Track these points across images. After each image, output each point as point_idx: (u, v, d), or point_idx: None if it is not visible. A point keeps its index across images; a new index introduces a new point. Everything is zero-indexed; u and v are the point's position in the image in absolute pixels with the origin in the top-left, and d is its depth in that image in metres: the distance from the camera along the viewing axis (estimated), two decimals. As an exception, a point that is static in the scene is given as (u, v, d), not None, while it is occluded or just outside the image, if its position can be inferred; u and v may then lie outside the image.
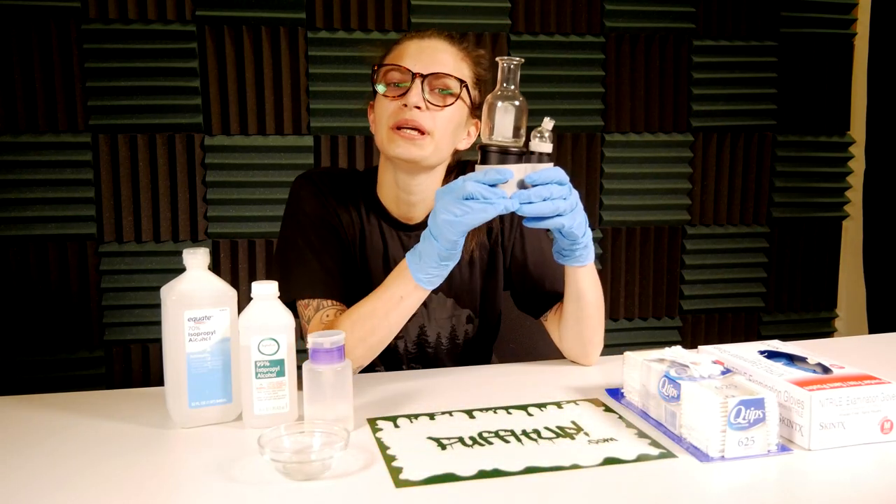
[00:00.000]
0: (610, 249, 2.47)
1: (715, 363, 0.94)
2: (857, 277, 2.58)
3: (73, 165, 2.15)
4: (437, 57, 1.14)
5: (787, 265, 2.60)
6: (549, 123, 0.98)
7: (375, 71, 1.16)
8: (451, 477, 0.80)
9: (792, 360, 1.01)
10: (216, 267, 2.23)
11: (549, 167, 0.97)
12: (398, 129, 1.12)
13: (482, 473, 0.81)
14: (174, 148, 2.20)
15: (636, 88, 2.42)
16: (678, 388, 0.90)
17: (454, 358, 1.32)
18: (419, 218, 1.25)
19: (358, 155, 2.29)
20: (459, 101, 1.14)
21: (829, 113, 2.55)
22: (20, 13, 2.07)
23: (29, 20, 2.08)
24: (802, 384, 0.88)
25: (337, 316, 1.13)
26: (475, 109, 1.20)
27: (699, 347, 1.09)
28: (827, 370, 0.95)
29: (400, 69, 1.13)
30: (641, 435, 0.92)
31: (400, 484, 0.79)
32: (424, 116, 1.12)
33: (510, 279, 1.31)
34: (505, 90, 0.97)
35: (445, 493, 0.78)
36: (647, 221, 2.48)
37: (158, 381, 1.40)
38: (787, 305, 2.62)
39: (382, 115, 1.15)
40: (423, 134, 1.12)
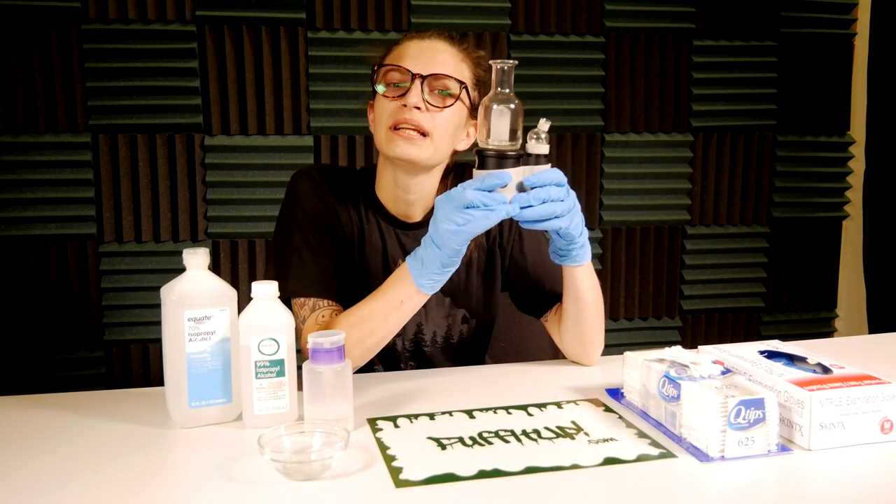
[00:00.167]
0: (610, 249, 2.47)
1: (715, 363, 0.94)
2: (857, 277, 2.58)
3: (73, 165, 2.15)
4: (437, 58, 1.14)
5: (787, 265, 2.60)
6: (545, 125, 0.98)
7: (375, 71, 1.16)
8: (451, 477, 0.80)
9: (792, 360, 1.01)
10: (216, 267, 2.23)
11: (547, 168, 0.97)
12: (397, 128, 1.12)
13: (482, 473, 0.81)
14: (174, 148, 2.20)
15: (636, 88, 2.42)
16: (678, 388, 0.90)
17: (449, 357, 1.32)
18: (417, 217, 1.25)
19: (358, 155, 2.29)
20: (459, 102, 1.14)
21: (829, 113, 2.55)
22: (20, 13, 2.07)
23: (29, 20, 2.08)
24: (802, 384, 0.88)
25: (332, 316, 1.13)
26: (474, 110, 1.20)
27: (699, 347, 1.09)
28: (827, 370, 0.95)
29: (400, 69, 1.13)
30: (641, 435, 0.92)
31: (400, 484, 0.79)
32: (424, 117, 1.12)
33: (509, 281, 1.31)
34: (500, 93, 0.97)
35: (445, 493, 0.78)
36: (647, 221, 2.48)
37: (158, 381, 1.39)
38: (787, 305, 2.62)
39: (382, 114, 1.15)
40: (422, 135, 1.12)
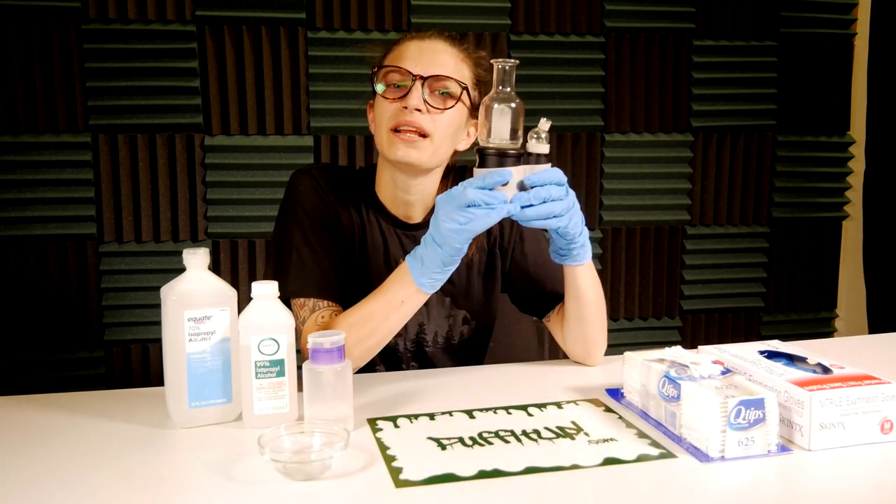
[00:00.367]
0: (610, 249, 2.47)
1: (715, 363, 0.94)
2: (857, 277, 2.58)
3: (73, 165, 2.15)
4: (437, 58, 1.14)
5: (787, 265, 2.60)
6: (545, 124, 0.98)
7: (375, 72, 1.16)
8: (451, 477, 0.80)
9: (792, 360, 1.01)
10: (216, 267, 2.23)
11: (547, 168, 0.98)
12: (398, 130, 1.12)
13: (482, 473, 0.81)
14: (174, 148, 2.20)
15: (636, 88, 2.42)
16: (678, 388, 0.90)
17: (450, 358, 1.32)
18: (418, 218, 1.25)
19: (358, 155, 2.29)
20: (460, 103, 1.14)
21: (829, 113, 2.55)
22: (20, 13, 2.07)
23: (29, 20, 2.08)
24: (802, 384, 0.88)
25: (332, 317, 1.13)
26: (475, 110, 1.20)
27: (699, 347, 1.09)
28: (827, 370, 0.95)
29: (400, 70, 1.12)
30: (641, 435, 0.92)
31: (400, 484, 0.79)
32: (424, 119, 1.11)
33: (510, 281, 1.31)
34: (501, 92, 0.97)
35: (445, 493, 0.78)
36: (647, 221, 2.48)
37: (158, 381, 1.39)
38: (787, 305, 2.62)
39: (382, 116, 1.14)
40: (422, 136, 1.12)
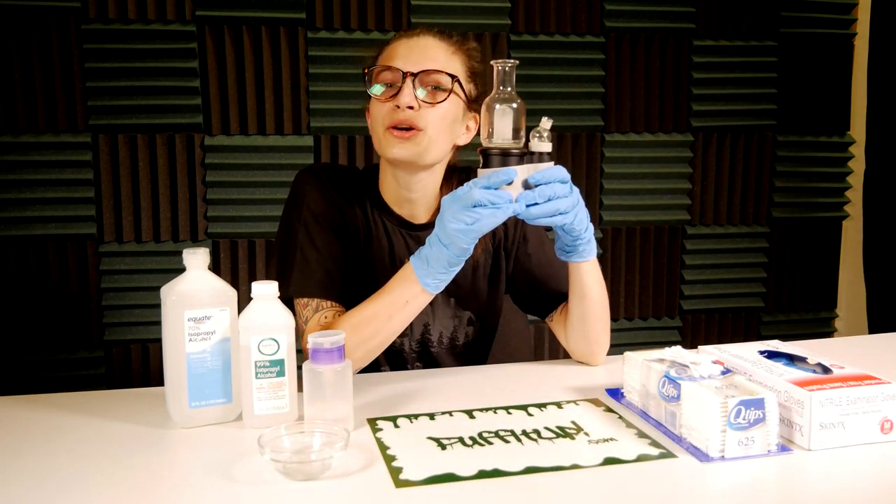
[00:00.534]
0: (610, 249, 2.47)
1: (715, 363, 0.94)
2: (857, 277, 2.58)
3: (73, 165, 2.15)
4: (426, 53, 1.13)
5: (787, 265, 2.60)
6: (547, 123, 0.99)
7: (366, 73, 1.16)
8: (451, 477, 0.80)
9: (792, 360, 1.01)
10: (216, 267, 2.23)
11: (550, 166, 0.98)
12: (392, 129, 1.12)
13: (482, 473, 0.81)
14: (174, 148, 2.20)
15: (636, 88, 2.42)
16: (678, 388, 0.90)
17: (455, 358, 1.32)
18: (422, 217, 1.25)
19: (358, 155, 2.29)
20: (453, 96, 1.14)
21: (829, 113, 2.55)
22: (20, 13, 2.07)
23: (29, 20, 2.08)
24: (802, 384, 0.88)
25: (335, 317, 1.13)
26: (472, 102, 1.20)
27: (699, 347, 1.09)
28: (827, 370, 0.95)
29: (391, 69, 1.12)
30: (641, 435, 0.92)
31: (400, 484, 0.79)
32: (417, 115, 1.11)
33: (513, 282, 1.31)
34: (502, 92, 0.98)
35: (445, 493, 0.78)
36: (647, 221, 2.48)
37: (158, 381, 1.40)
38: (787, 305, 2.62)
39: (377, 116, 1.15)
40: (416, 132, 1.11)
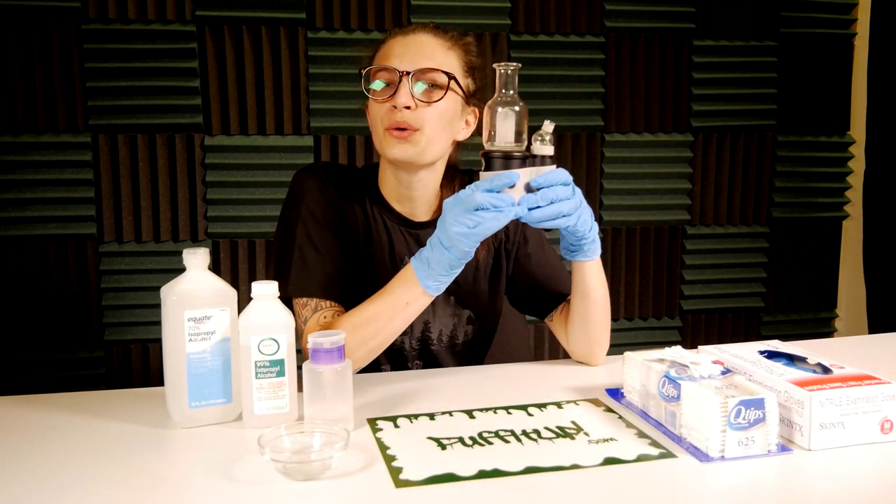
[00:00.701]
0: (610, 249, 2.47)
1: (715, 363, 0.94)
2: (857, 277, 2.58)
3: (73, 165, 2.15)
4: (422, 51, 1.13)
5: (787, 265, 2.60)
6: (549, 126, 0.99)
7: (363, 73, 1.16)
8: (451, 477, 0.80)
9: (792, 360, 1.01)
10: (216, 267, 2.23)
11: (552, 169, 0.98)
12: (391, 129, 1.12)
13: (482, 473, 0.81)
14: (174, 148, 2.20)
15: (636, 88, 2.42)
16: (678, 388, 0.90)
17: (454, 357, 1.32)
18: (422, 215, 1.25)
19: (358, 155, 2.29)
20: (451, 92, 1.13)
21: (829, 113, 2.55)
22: (20, 13, 2.07)
23: (29, 20, 2.08)
24: (802, 384, 0.88)
25: (335, 317, 1.13)
26: (470, 97, 1.20)
27: (699, 347, 1.09)
28: (827, 370, 0.95)
29: (387, 69, 1.12)
30: (641, 435, 0.92)
31: (400, 484, 0.79)
32: (415, 114, 1.11)
33: (512, 283, 1.31)
34: (504, 96, 0.98)
35: (445, 493, 0.78)
36: (647, 221, 2.48)
37: (158, 381, 1.39)
38: (787, 305, 2.62)
39: (375, 117, 1.15)
40: (415, 131, 1.11)
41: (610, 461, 0.85)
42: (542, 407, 1.02)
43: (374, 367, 1.23)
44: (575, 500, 0.77)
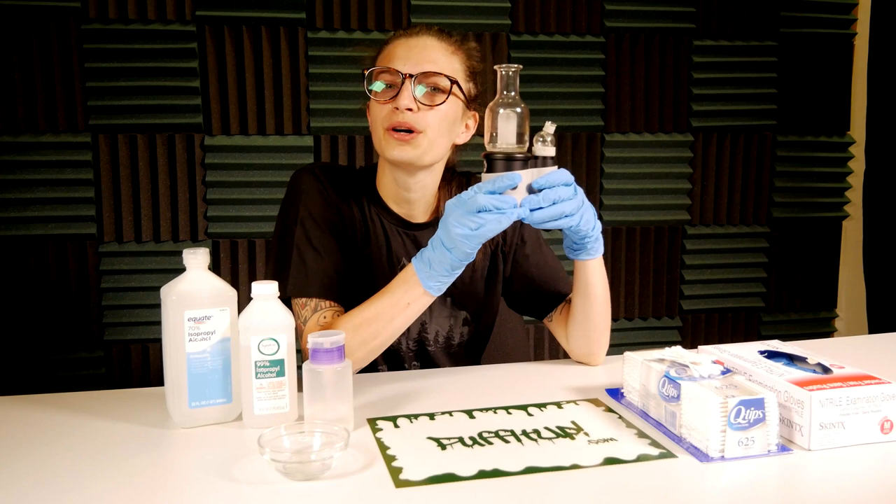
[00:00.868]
0: (610, 249, 2.47)
1: (715, 363, 0.95)
2: (857, 277, 2.58)
3: (73, 165, 2.15)
4: (426, 55, 1.13)
5: (787, 265, 2.60)
6: (550, 127, 0.99)
7: (366, 74, 1.16)
8: (451, 477, 0.80)
9: (792, 360, 1.01)
10: (216, 267, 2.23)
11: (554, 170, 0.98)
12: (392, 130, 1.12)
13: (482, 473, 0.81)
14: (174, 148, 2.20)
15: (636, 88, 2.42)
16: (678, 388, 0.90)
17: (450, 358, 1.32)
18: (420, 217, 1.25)
19: (358, 155, 2.29)
20: (452, 97, 1.14)
21: (829, 113, 2.55)
22: (20, 13, 2.07)
23: (29, 20, 2.08)
24: (802, 384, 0.88)
25: (334, 317, 1.13)
26: (471, 102, 1.20)
27: (699, 347, 1.09)
28: (827, 370, 0.95)
29: (390, 71, 1.12)
30: (641, 435, 0.92)
31: (400, 484, 0.79)
32: (417, 117, 1.11)
33: (511, 284, 1.31)
34: (505, 97, 0.98)
35: (445, 493, 0.78)
36: (647, 221, 2.48)
37: (158, 381, 1.40)
38: (787, 305, 2.62)
39: (376, 118, 1.15)
40: (416, 133, 1.12)
41: (610, 461, 0.85)
42: (542, 407, 1.02)
43: (371, 368, 1.23)
44: (575, 500, 0.77)
